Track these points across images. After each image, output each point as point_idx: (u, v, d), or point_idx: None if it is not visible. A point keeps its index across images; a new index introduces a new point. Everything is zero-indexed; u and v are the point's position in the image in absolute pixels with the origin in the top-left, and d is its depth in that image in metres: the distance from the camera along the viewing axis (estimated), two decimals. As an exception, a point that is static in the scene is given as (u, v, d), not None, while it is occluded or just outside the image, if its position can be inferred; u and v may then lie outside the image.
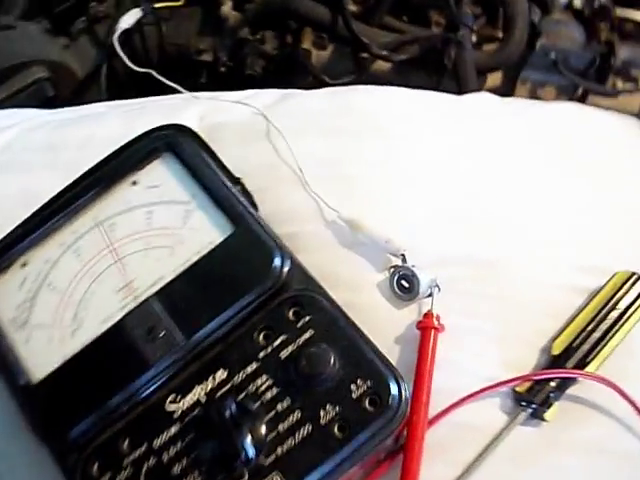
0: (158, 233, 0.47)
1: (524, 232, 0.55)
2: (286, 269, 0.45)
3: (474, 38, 0.80)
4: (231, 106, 0.61)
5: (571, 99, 0.82)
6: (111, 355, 0.44)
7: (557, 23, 0.81)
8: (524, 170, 0.58)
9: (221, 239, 0.46)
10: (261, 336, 0.44)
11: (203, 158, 0.49)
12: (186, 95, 0.64)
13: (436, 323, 0.49)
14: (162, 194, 0.48)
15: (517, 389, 0.49)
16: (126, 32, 0.82)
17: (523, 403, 0.48)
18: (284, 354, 0.43)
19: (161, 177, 0.49)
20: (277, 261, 0.45)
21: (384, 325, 0.51)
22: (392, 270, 0.52)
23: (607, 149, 0.61)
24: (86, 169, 0.51)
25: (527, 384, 0.49)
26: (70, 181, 0.52)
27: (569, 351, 0.49)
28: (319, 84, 0.80)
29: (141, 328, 0.44)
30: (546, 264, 0.53)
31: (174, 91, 0.73)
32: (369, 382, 0.42)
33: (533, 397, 0.48)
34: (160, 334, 0.44)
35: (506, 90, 0.82)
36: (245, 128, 0.60)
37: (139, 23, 0.82)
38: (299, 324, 0.44)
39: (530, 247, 0.54)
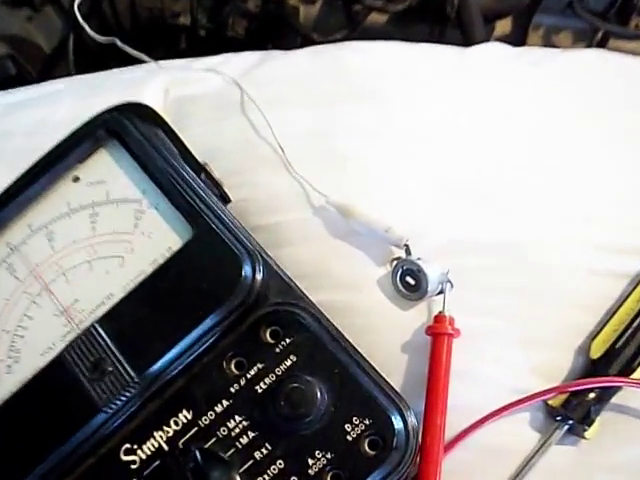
0: (105, 240, 0.37)
1: (548, 207, 0.44)
2: (259, 278, 0.34)
3: (479, -19, 0.68)
4: (201, 75, 0.50)
5: (590, 44, 0.71)
6: (53, 396, 0.34)
7: (572, -42, 0.69)
8: (544, 131, 0.46)
9: (179, 245, 0.36)
10: (232, 365, 0.34)
11: (155, 144, 0.37)
12: (151, 65, 0.53)
13: (450, 328, 0.39)
14: (108, 191, 0.38)
15: (550, 402, 0.39)
16: (94, -2, 0.71)
17: (558, 418, 0.38)
18: (261, 388, 0.33)
19: (106, 171, 0.38)
20: (247, 269, 0.34)
21: (387, 330, 0.41)
22: (394, 264, 0.41)
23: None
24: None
25: (562, 396, 0.39)
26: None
27: (611, 354, 0.39)
28: (309, 43, 0.70)
29: (85, 362, 0.34)
30: (577, 245, 0.42)
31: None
32: (367, 420, 0.32)
33: (570, 412, 0.38)
34: (108, 369, 0.34)
35: (517, 38, 0.70)
36: (216, 100, 0.49)
37: (107, -13, 0.70)
38: (278, 348, 0.34)
39: (556, 225, 0.43)
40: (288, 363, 0.33)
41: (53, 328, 0.36)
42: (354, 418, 0.32)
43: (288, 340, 0.34)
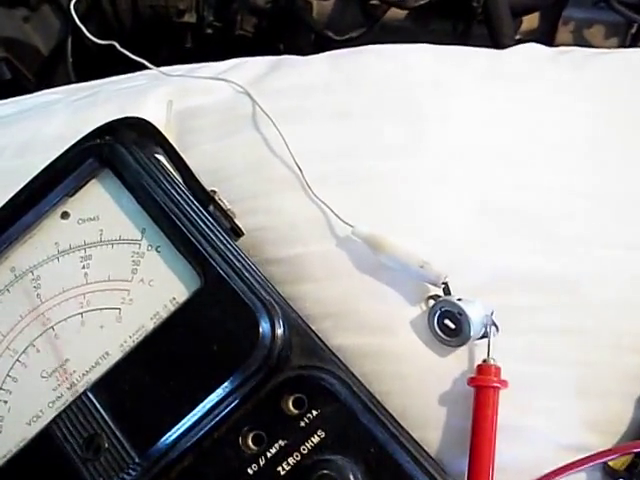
0: (99, 288, 0.31)
1: (602, 235, 0.37)
2: (279, 336, 0.28)
3: (507, -28, 0.61)
4: (207, 84, 0.44)
5: (624, 39, 0.64)
6: (40, 477, 0.28)
7: (605, -53, 0.62)
8: (594, 147, 0.40)
9: (185, 296, 0.29)
10: (249, 441, 0.28)
11: (154, 174, 0.31)
12: (153, 72, 0.47)
13: (496, 380, 0.33)
14: (102, 230, 0.32)
15: (611, 464, 0.33)
16: (94, -4, 0.64)
17: (620, 481, 0.33)
18: (284, 469, 0.27)
19: (99, 206, 0.32)
20: (264, 326, 0.28)
21: (423, 379, 0.35)
22: (431, 304, 0.35)
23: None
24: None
25: (625, 457, 0.32)
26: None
27: (682, 406, 0.33)
28: (323, 42, 0.63)
29: (77, 438, 0.28)
30: (636, 279, 0.36)
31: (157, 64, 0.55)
32: (410, 508, 0.26)
33: (636, 477, 0.32)
34: (104, 446, 0.28)
35: (546, 33, 0.64)
36: (225, 113, 0.42)
37: (107, -16, 0.64)
38: (303, 422, 0.28)
39: (611, 256, 0.37)
40: (315, 440, 0.27)
41: (41, 393, 0.30)
42: (394, 507, 0.26)
43: (315, 412, 0.28)
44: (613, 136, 0.41)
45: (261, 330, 0.28)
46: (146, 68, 0.48)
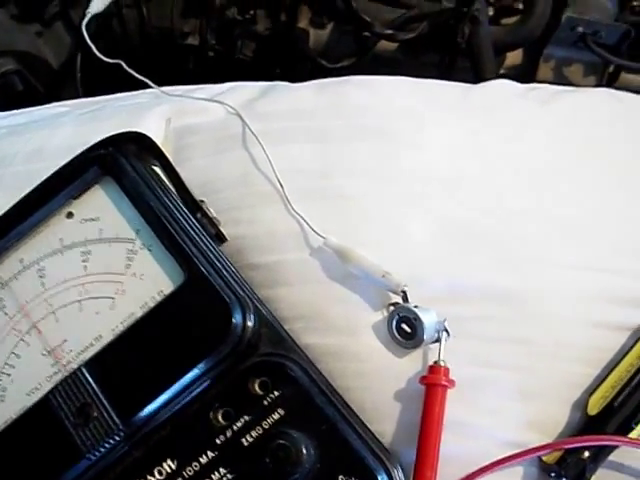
0: (96, 279, 0.36)
1: (552, 256, 0.42)
2: (250, 327, 0.34)
3: (491, 11, 0.68)
4: (203, 105, 0.50)
5: (602, 78, 0.70)
6: (36, 439, 0.34)
7: (585, -9, 0.68)
8: (551, 176, 0.45)
9: (170, 289, 0.35)
10: (219, 416, 0.33)
11: (150, 183, 0.37)
12: (154, 91, 0.53)
13: (444, 379, 0.38)
14: (101, 229, 0.37)
15: (545, 458, 0.38)
16: (105, 16, 0.70)
17: (552, 475, 0.37)
18: (247, 441, 0.32)
19: (100, 208, 0.38)
20: (237, 317, 0.33)
21: (380, 377, 0.40)
22: (391, 310, 0.41)
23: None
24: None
25: (557, 453, 0.38)
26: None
27: (609, 410, 0.38)
28: (318, 69, 0.69)
29: (71, 406, 0.33)
30: (580, 296, 0.41)
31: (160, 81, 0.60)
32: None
33: (565, 470, 0.37)
34: (93, 414, 0.33)
35: (527, 70, 0.70)
36: (218, 132, 0.48)
37: (117, 5, 0.70)
38: (266, 401, 0.33)
39: (559, 275, 0.42)
40: (275, 417, 0.33)
41: (40, 368, 0.35)
42: (340, 477, 0.31)
43: (277, 393, 0.33)
44: (569, 166, 0.46)
45: (234, 321, 0.33)
46: (149, 86, 0.54)
